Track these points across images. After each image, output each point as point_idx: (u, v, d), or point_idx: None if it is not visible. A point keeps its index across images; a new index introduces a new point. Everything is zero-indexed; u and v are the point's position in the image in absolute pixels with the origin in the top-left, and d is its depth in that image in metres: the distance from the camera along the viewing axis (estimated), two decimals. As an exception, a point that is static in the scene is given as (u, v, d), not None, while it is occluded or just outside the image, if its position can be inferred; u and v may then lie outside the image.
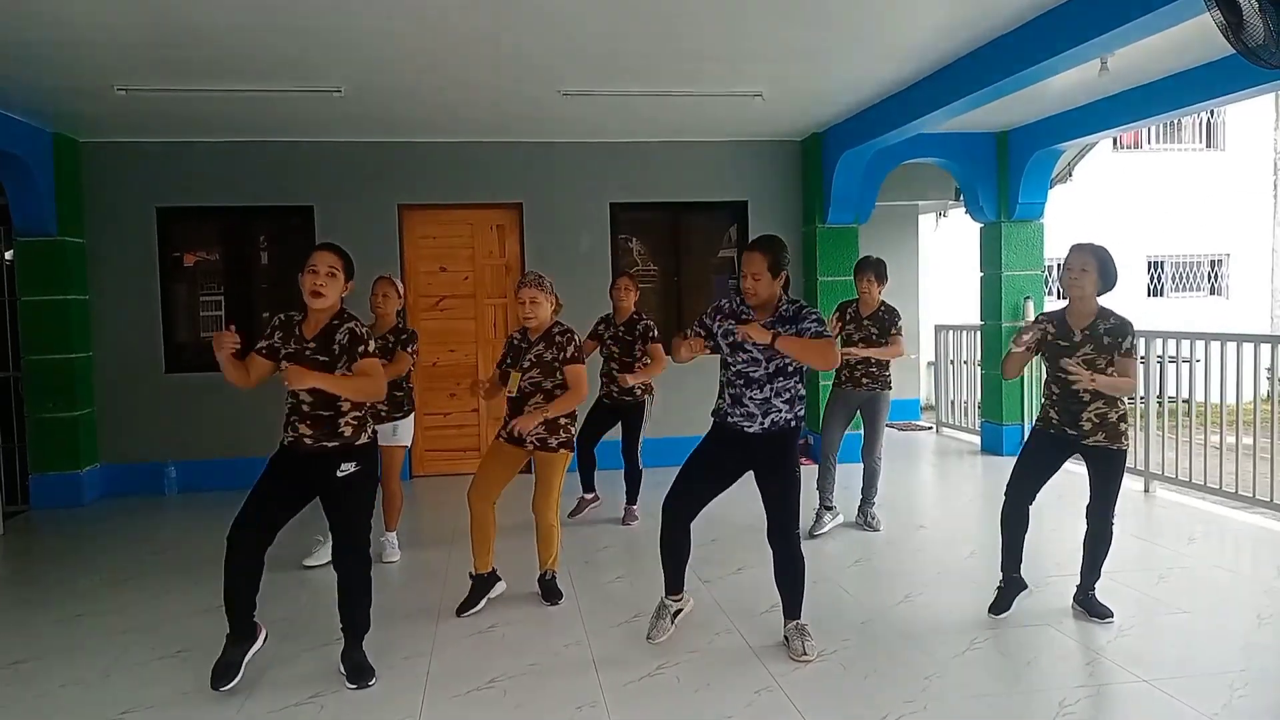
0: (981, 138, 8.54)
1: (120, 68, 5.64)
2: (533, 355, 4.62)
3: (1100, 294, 4.19)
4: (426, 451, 8.22)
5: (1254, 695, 3.55)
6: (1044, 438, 4.36)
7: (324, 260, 3.69)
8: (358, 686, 3.76)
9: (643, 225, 8.77)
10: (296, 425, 3.72)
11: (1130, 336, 4.15)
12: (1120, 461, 4.26)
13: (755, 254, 3.93)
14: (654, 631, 4.13)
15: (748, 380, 3.94)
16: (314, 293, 3.67)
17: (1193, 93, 6.30)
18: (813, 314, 3.92)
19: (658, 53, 5.64)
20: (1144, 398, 7.03)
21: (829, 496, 6.04)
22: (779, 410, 3.94)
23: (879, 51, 5.75)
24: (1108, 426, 4.18)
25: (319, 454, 3.72)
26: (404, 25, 4.99)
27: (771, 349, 3.83)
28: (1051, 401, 4.32)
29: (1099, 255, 4.15)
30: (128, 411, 7.76)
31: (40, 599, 5.08)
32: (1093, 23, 4.63)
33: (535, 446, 4.65)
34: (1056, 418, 4.28)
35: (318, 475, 3.74)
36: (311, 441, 3.72)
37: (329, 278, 3.68)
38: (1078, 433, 4.22)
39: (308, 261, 3.70)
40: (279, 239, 8.25)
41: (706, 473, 4.09)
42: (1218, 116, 17.14)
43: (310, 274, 3.67)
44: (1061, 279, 4.29)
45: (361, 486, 3.82)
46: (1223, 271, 17.63)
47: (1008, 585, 4.47)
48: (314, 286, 3.66)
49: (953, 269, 13.90)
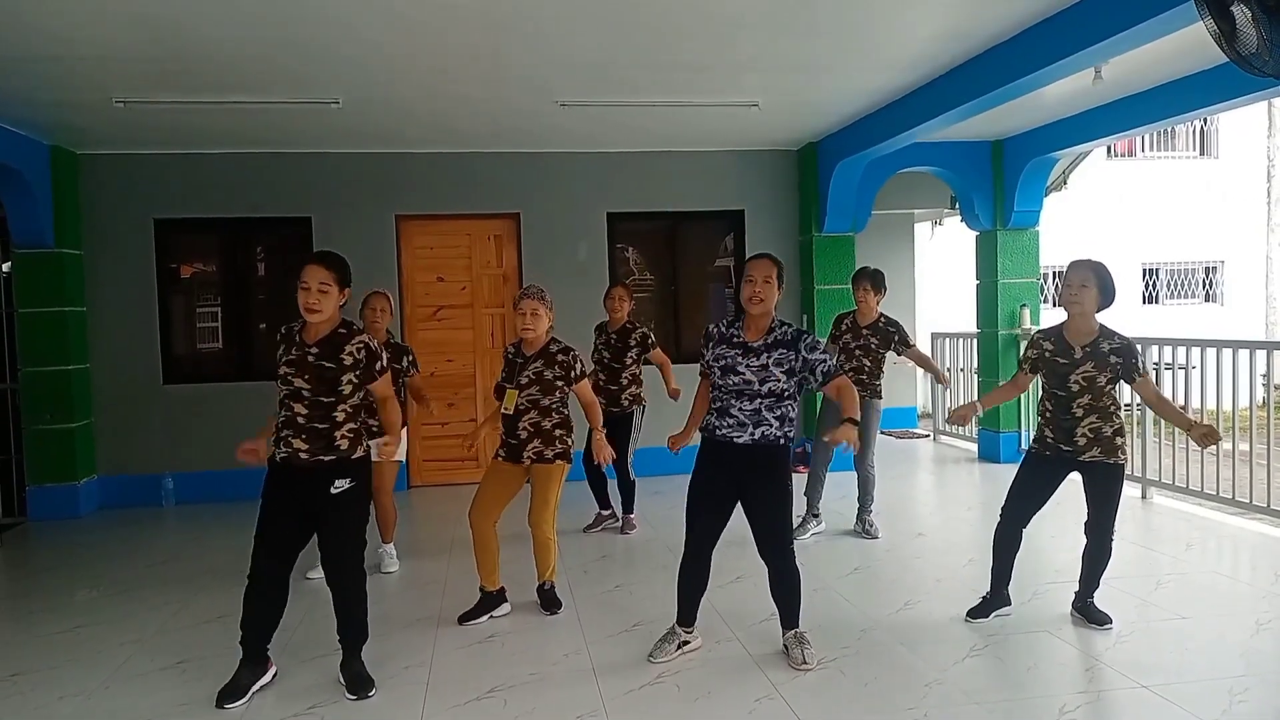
0: (977, 146, 8.57)
1: (118, 80, 5.65)
2: (531, 372, 4.62)
3: (1100, 310, 4.19)
4: (424, 462, 8.23)
5: (1253, 701, 3.55)
6: (1039, 460, 4.34)
7: (314, 276, 3.67)
8: (357, 697, 3.75)
9: (640, 235, 8.79)
10: (290, 440, 3.70)
11: (1139, 358, 4.19)
12: (1118, 476, 4.25)
13: (765, 260, 3.95)
14: (657, 652, 4.08)
15: (738, 393, 3.90)
16: (308, 309, 3.67)
17: (1186, 101, 6.34)
18: (810, 339, 3.90)
19: (654, 64, 5.67)
20: (1141, 405, 7.05)
21: (816, 504, 6.06)
22: (769, 424, 3.88)
23: (874, 61, 5.78)
24: (1103, 441, 4.18)
25: (314, 469, 3.71)
26: (401, 38, 5.01)
27: (767, 371, 3.85)
28: (1046, 419, 4.31)
29: (1098, 271, 4.15)
30: (125, 423, 7.76)
31: (38, 610, 5.07)
32: (1087, 32, 4.66)
33: (532, 459, 4.65)
34: (1052, 435, 4.28)
35: (311, 491, 3.73)
36: (307, 456, 3.70)
37: (321, 294, 3.67)
38: (1073, 449, 4.21)
39: (299, 276, 3.68)
40: (276, 250, 8.26)
41: (706, 504, 4.03)
42: (1211, 124, 17.23)
43: (303, 291, 3.66)
44: (1060, 295, 4.30)
45: (354, 503, 3.81)
46: (1217, 278, 17.70)
47: (993, 597, 4.48)
48: (307, 304, 3.66)
49: (949, 277, 13.95)
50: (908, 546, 5.91)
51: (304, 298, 3.66)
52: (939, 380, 6.61)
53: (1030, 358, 4.34)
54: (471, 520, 4.63)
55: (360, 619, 3.89)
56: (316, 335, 3.73)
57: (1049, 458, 4.30)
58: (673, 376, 6.25)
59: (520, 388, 4.60)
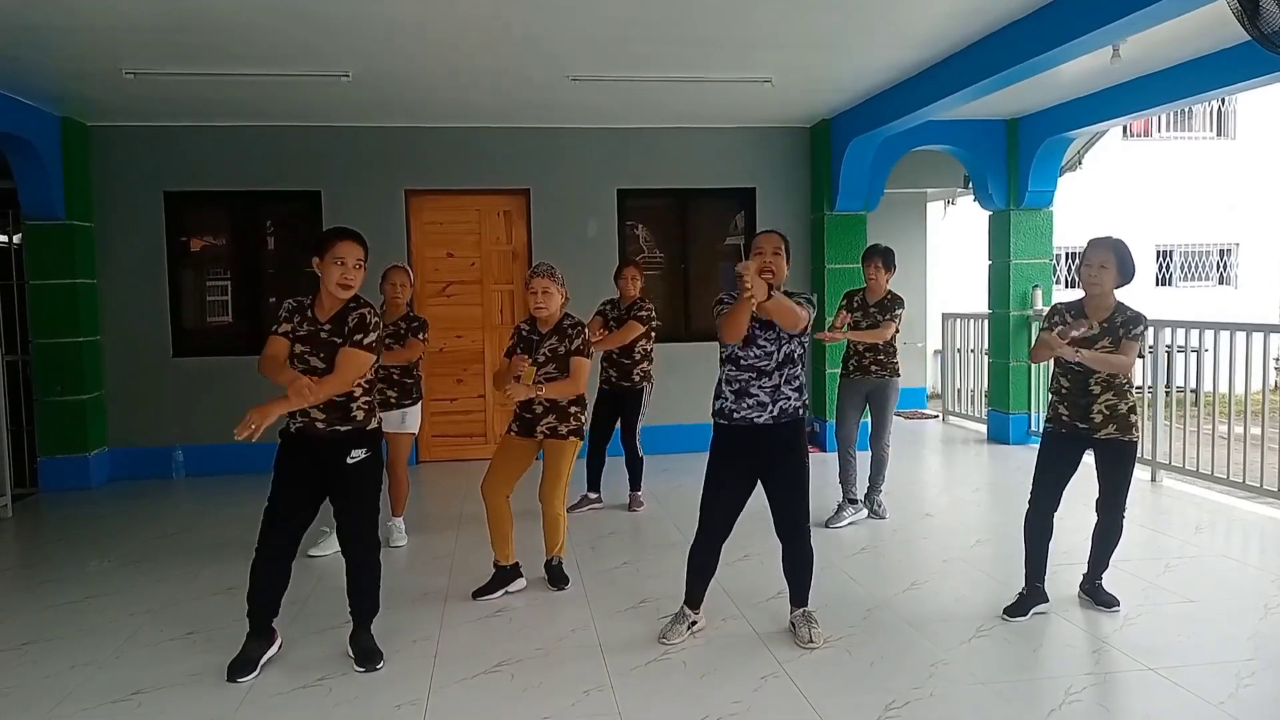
0: (991, 125, 8.49)
1: (129, 52, 5.63)
2: (547, 349, 4.62)
3: (1118, 288, 4.16)
4: (434, 437, 8.24)
5: (1260, 684, 3.55)
6: (1057, 440, 4.31)
7: (353, 253, 3.65)
8: (366, 669, 3.78)
9: (650, 212, 8.75)
10: (308, 410, 3.70)
11: (1142, 326, 4.14)
12: (1132, 453, 4.23)
13: (774, 234, 3.96)
14: (669, 634, 4.06)
15: (758, 372, 3.90)
16: (344, 284, 3.65)
17: (1205, 80, 6.26)
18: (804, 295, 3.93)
19: (667, 38, 5.62)
20: (1152, 387, 7.01)
21: (852, 489, 6.00)
22: (788, 398, 3.91)
23: (890, 37, 5.72)
24: (1118, 419, 4.16)
25: (331, 439, 3.72)
26: (412, 10, 4.97)
27: (777, 334, 3.84)
28: (1060, 396, 4.28)
29: (1118, 250, 4.11)
30: (136, 395, 7.79)
31: (49, 580, 5.11)
32: (1105, 9, 4.59)
33: (545, 435, 4.65)
34: (1066, 413, 4.25)
35: (328, 461, 3.74)
36: (324, 425, 3.71)
37: (356, 270, 3.67)
38: (1089, 426, 4.19)
39: (332, 251, 3.64)
40: (286, 224, 8.25)
41: (725, 493, 4.00)
42: (1229, 105, 17.02)
43: (339, 266, 3.63)
44: (1080, 275, 4.25)
45: (370, 473, 3.83)
46: (1231, 261, 17.56)
47: (1030, 593, 4.36)
48: (345, 279, 3.64)
49: (961, 257, 13.87)
50: (916, 527, 5.90)
51: (339, 273, 3.63)
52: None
53: (1055, 325, 4.26)
54: (484, 494, 4.64)
55: (373, 591, 3.91)
56: (330, 312, 3.72)
57: (1065, 435, 4.27)
58: (618, 340, 6.08)
59: (539, 365, 4.60)
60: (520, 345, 4.72)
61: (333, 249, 3.65)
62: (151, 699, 3.59)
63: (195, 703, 3.55)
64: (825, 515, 5.80)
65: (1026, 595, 4.36)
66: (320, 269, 3.67)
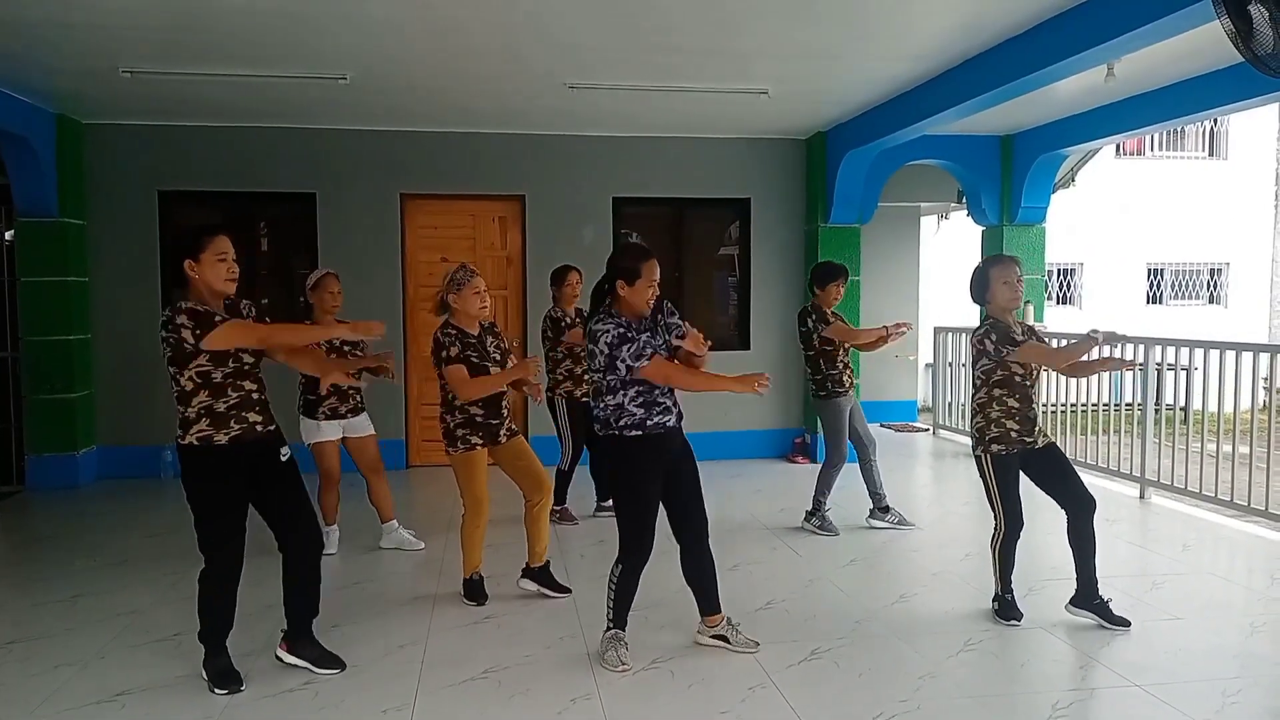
0: (986, 141, 8.54)
1: (125, 50, 5.62)
2: (492, 348, 4.69)
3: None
4: (423, 442, 8.21)
5: (1246, 702, 3.56)
6: (1012, 462, 4.32)
7: (230, 247, 3.59)
8: (340, 669, 3.78)
9: (645, 220, 8.76)
10: (246, 416, 3.60)
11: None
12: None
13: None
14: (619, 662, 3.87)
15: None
16: (232, 279, 3.57)
17: (1198, 100, 6.32)
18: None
19: (665, 48, 5.64)
20: (1141, 405, 7.04)
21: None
22: (678, 400, 3.96)
23: (886, 51, 5.75)
24: (1040, 422, 4.44)
25: (268, 440, 3.70)
26: (412, 15, 4.98)
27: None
28: (1009, 414, 4.28)
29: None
30: (126, 394, 7.75)
31: (35, 579, 5.08)
32: (1101, 28, 4.63)
33: (509, 435, 4.68)
34: (1018, 431, 4.30)
35: (264, 463, 3.69)
36: (262, 428, 3.67)
37: (235, 263, 3.62)
38: (1032, 439, 4.32)
39: (214, 247, 3.52)
40: (280, 225, 8.24)
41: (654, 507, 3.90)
42: (1221, 125, 17.16)
43: (224, 261, 3.54)
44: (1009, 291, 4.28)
45: (296, 468, 3.82)
46: (1222, 280, 17.67)
47: (1012, 596, 4.43)
48: (232, 274, 3.57)
49: (954, 272, 13.90)
50: (905, 539, 5.90)
51: (227, 270, 3.55)
52: None
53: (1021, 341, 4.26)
54: (485, 509, 4.64)
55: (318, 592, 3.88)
56: (219, 308, 3.60)
57: (1015, 454, 4.32)
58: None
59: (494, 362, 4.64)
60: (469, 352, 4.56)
61: (214, 245, 3.53)
62: (136, 700, 3.57)
63: (180, 705, 3.53)
64: None
65: (1011, 598, 4.43)
66: (198, 269, 3.51)
